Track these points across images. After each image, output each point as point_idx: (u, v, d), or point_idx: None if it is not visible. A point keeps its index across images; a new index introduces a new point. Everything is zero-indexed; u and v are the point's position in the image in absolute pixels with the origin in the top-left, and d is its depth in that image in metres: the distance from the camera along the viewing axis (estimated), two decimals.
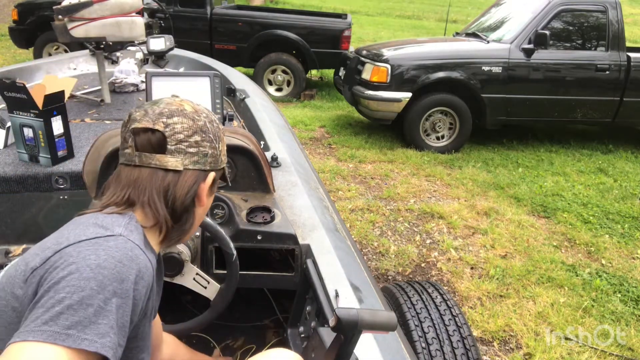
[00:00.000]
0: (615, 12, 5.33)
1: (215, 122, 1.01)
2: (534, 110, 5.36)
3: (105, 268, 0.75)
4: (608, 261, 3.31)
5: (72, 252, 0.77)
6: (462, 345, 1.68)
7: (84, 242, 0.78)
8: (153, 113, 0.93)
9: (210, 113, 1.03)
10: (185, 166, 0.94)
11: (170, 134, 0.92)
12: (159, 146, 0.92)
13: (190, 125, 0.94)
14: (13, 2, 9.18)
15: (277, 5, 16.58)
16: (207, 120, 0.98)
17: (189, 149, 0.94)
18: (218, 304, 1.32)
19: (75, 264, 0.74)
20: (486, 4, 8.62)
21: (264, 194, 1.65)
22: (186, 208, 0.95)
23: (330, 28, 7.33)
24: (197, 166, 0.95)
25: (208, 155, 0.97)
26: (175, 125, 0.93)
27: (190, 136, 0.94)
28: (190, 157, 0.94)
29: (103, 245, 0.78)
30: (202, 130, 0.96)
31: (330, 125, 6.14)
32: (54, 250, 0.78)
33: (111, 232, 0.82)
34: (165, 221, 0.93)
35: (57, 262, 0.76)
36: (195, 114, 0.96)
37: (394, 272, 3.06)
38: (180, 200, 0.93)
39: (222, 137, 1.03)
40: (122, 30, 2.35)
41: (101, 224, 0.84)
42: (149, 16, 3.54)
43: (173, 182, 0.93)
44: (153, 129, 0.92)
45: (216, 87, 1.86)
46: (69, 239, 0.80)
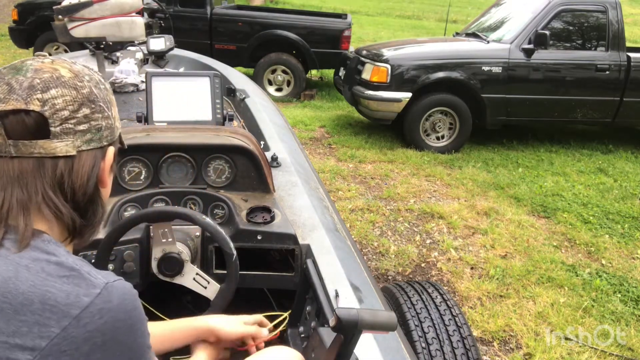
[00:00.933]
0: (615, 12, 5.33)
1: (101, 82, 0.83)
2: (534, 110, 5.36)
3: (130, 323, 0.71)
4: (608, 261, 3.31)
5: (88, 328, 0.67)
6: (462, 345, 1.68)
7: (88, 312, 0.67)
8: (21, 88, 0.73)
9: (93, 72, 0.83)
10: (78, 148, 0.76)
11: (51, 113, 0.74)
12: (38, 130, 0.73)
13: (73, 96, 0.76)
14: (13, 2, 9.18)
15: (277, 5, 16.58)
16: (92, 85, 0.79)
17: (78, 126, 0.76)
18: (218, 304, 1.31)
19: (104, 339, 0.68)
20: (486, 4, 8.63)
21: (264, 194, 1.65)
22: (91, 198, 0.80)
23: (330, 28, 7.33)
24: (92, 145, 0.78)
25: (102, 128, 0.80)
26: (55, 101, 0.74)
27: (77, 110, 0.76)
28: (81, 136, 0.77)
29: (112, 306, 0.69)
30: (89, 100, 0.78)
31: (330, 125, 6.14)
32: (48, 337, 0.65)
33: (99, 286, 0.70)
34: (72, 220, 0.77)
35: (72, 347, 0.65)
36: (76, 79, 0.77)
37: (394, 272, 3.06)
38: (82, 190, 0.77)
39: (112, 100, 0.85)
40: (122, 30, 2.35)
41: (66, 272, 0.70)
42: (149, 16, 3.55)
43: (67, 171, 0.76)
44: (27, 110, 0.73)
45: (216, 87, 1.85)
46: (59, 313, 0.66)
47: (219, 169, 1.64)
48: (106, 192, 0.86)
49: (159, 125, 1.74)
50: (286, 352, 1.10)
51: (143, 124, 1.75)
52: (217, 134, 1.65)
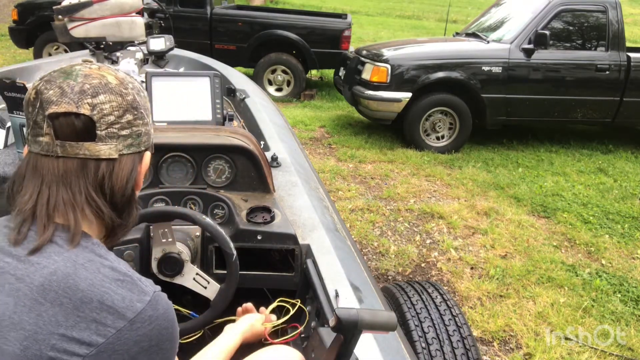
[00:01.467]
0: (615, 12, 5.33)
1: (142, 90, 0.87)
2: (534, 110, 5.36)
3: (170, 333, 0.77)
4: (608, 261, 3.31)
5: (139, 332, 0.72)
6: (462, 345, 1.68)
7: (140, 317, 0.72)
8: (72, 91, 0.76)
9: (134, 80, 0.87)
10: (120, 152, 0.80)
11: (99, 117, 0.77)
12: (86, 133, 0.77)
13: (119, 103, 0.80)
14: (13, 2, 9.18)
15: (277, 5, 16.58)
16: (135, 92, 0.83)
17: (122, 131, 0.80)
18: (218, 304, 1.31)
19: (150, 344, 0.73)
20: (486, 4, 8.62)
21: (264, 194, 1.65)
22: (128, 199, 0.83)
23: (330, 28, 7.33)
24: (132, 149, 0.82)
25: (142, 134, 0.84)
26: (103, 106, 0.78)
27: (122, 116, 0.80)
28: (123, 141, 0.81)
29: (160, 314, 0.74)
30: (133, 107, 0.82)
31: (330, 125, 6.14)
32: (105, 336, 0.70)
33: (149, 294, 0.75)
34: (111, 220, 0.81)
35: (124, 348, 0.70)
36: (121, 86, 0.81)
37: (394, 272, 3.06)
38: (121, 192, 0.81)
39: (149, 107, 0.89)
40: (122, 30, 2.36)
41: (121, 276, 0.75)
42: (149, 16, 3.55)
43: (108, 173, 0.79)
44: (77, 113, 0.76)
45: (216, 87, 1.86)
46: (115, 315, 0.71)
47: (219, 169, 1.64)
48: (137, 195, 0.89)
49: (159, 125, 1.74)
50: (286, 351, 1.10)
51: None
52: (217, 134, 1.65)
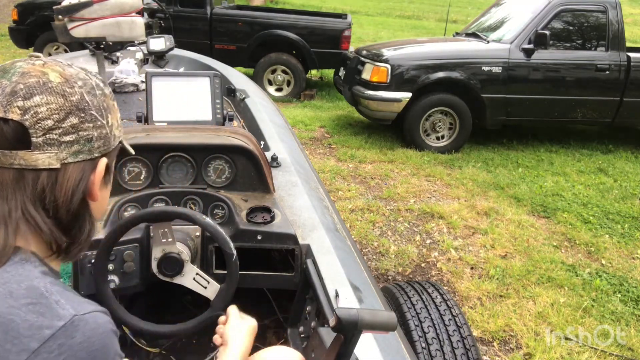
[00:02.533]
0: (615, 12, 5.33)
1: (97, 88, 0.76)
2: (534, 110, 5.36)
3: None
4: (608, 261, 3.31)
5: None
6: (462, 345, 1.68)
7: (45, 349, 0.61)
8: (3, 93, 0.67)
9: (90, 76, 0.76)
10: (63, 160, 0.70)
11: (32, 123, 0.67)
12: (18, 141, 0.68)
13: (60, 104, 0.69)
14: (13, 2, 9.18)
15: (277, 5, 16.58)
16: (84, 91, 0.73)
17: (64, 137, 0.70)
18: (218, 304, 1.31)
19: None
20: (486, 4, 8.62)
21: (264, 194, 1.65)
22: (76, 214, 0.73)
23: (330, 28, 7.33)
24: (79, 157, 0.72)
25: (93, 139, 0.73)
26: (38, 109, 0.68)
27: (63, 120, 0.70)
28: (67, 148, 0.70)
29: (74, 345, 0.62)
30: (78, 108, 0.71)
31: (330, 125, 6.14)
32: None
33: (62, 321, 0.63)
34: (54, 239, 0.71)
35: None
36: (65, 85, 0.71)
37: (394, 272, 3.06)
38: (65, 206, 0.71)
39: (111, 107, 0.78)
40: (122, 30, 2.35)
41: (34, 300, 0.64)
42: (149, 16, 3.55)
43: (50, 185, 0.70)
44: (5, 119, 0.67)
45: (216, 87, 1.86)
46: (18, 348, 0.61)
47: (219, 169, 1.64)
48: (99, 206, 0.80)
49: (159, 125, 1.74)
50: (286, 351, 1.10)
51: (143, 124, 1.76)
52: (217, 134, 1.65)
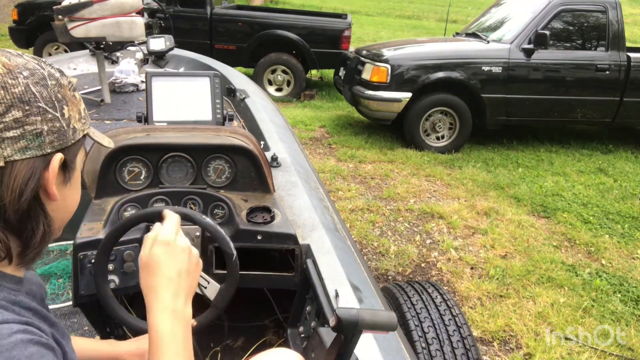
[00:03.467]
0: (615, 12, 5.33)
1: (50, 78, 0.70)
2: (534, 110, 5.36)
3: None
4: (608, 261, 3.31)
5: None
6: (462, 345, 1.68)
7: None
8: None
9: (43, 65, 0.70)
10: (8, 158, 0.64)
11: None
12: None
13: (0, 97, 0.64)
14: (13, 2, 9.18)
15: (277, 5, 16.59)
16: (31, 82, 0.67)
17: (7, 132, 0.64)
18: (218, 304, 1.31)
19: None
20: (486, 4, 8.63)
21: (264, 194, 1.65)
22: (26, 214, 0.67)
23: (330, 28, 7.33)
24: (28, 153, 0.66)
25: (43, 133, 0.67)
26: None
27: (4, 114, 0.64)
28: (12, 144, 0.65)
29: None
30: (22, 101, 0.65)
31: (330, 125, 6.14)
32: None
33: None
34: (2, 241, 0.66)
35: None
36: (7, 76, 0.65)
37: (394, 272, 3.06)
38: (13, 207, 0.65)
39: (69, 98, 0.72)
40: (122, 30, 2.35)
41: None
42: (149, 16, 3.55)
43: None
44: None
45: (216, 87, 1.86)
46: None
47: (219, 169, 1.64)
48: (62, 206, 0.74)
49: (159, 125, 1.74)
50: (286, 353, 1.10)
51: (143, 124, 1.76)
52: (217, 134, 1.65)
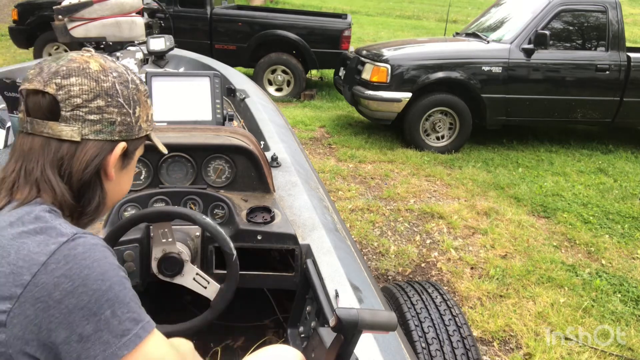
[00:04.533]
0: (615, 12, 5.33)
1: (132, 82, 0.87)
2: (534, 110, 5.36)
3: (99, 271, 0.72)
4: (608, 261, 3.31)
5: (55, 273, 0.69)
6: (462, 345, 1.68)
7: (54, 259, 0.70)
8: (48, 72, 0.80)
9: (128, 72, 0.88)
10: (85, 136, 0.81)
11: (63, 98, 0.79)
12: (50, 112, 0.80)
13: (91, 87, 0.81)
14: (13, 2, 9.18)
15: (277, 5, 16.58)
16: (118, 81, 0.84)
17: (89, 115, 0.81)
18: (218, 304, 1.31)
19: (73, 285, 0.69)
20: (486, 4, 8.63)
21: (264, 194, 1.65)
22: (86, 184, 0.83)
23: (330, 28, 7.33)
24: (100, 136, 0.82)
25: (116, 123, 0.84)
26: (71, 88, 0.80)
27: (91, 100, 0.81)
28: (90, 126, 0.81)
29: (78, 252, 0.72)
30: (107, 94, 0.82)
31: (330, 125, 6.14)
32: (22, 285, 0.68)
33: (64, 237, 0.73)
34: (65, 201, 0.81)
35: (44, 294, 0.68)
36: (101, 73, 0.82)
37: (394, 272, 3.06)
38: (77, 175, 0.81)
39: (142, 102, 0.89)
40: (122, 30, 2.35)
41: (41, 228, 0.74)
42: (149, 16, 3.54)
43: (69, 155, 0.80)
44: (43, 91, 0.79)
45: (216, 87, 1.86)
46: (30, 262, 0.69)
47: (219, 169, 1.64)
48: (115, 187, 0.89)
49: (159, 125, 1.74)
50: (286, 350, 1.10)
51: None
52: (217, 134, 1.65)
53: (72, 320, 0.68)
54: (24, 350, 0.68)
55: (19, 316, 0.68)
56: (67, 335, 0.68)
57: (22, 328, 0.68)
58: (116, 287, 0.73)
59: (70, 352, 0.68)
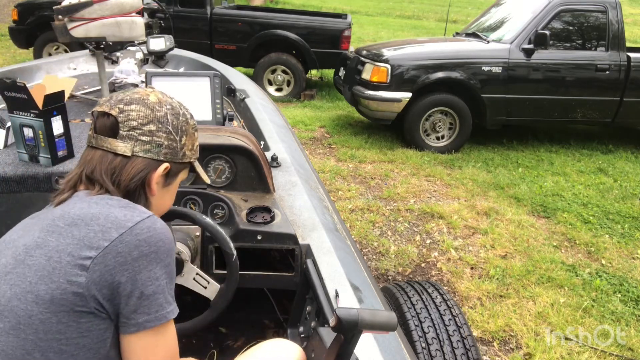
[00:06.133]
0: (615, 12, 5.33)
1: (183, 116, 1.03)
2: (534, 110, 5.36)
3: (168, 247, 0.90)
4: (608, 261, 3.31)
5: (139, 237, 0.86)
6: (462, 345, 1.68)
7: (138, 226, 0.87)
8: (116, 99, 0.98)
9: (181, 108, 1.04)
10: (135, 153, 0.96)
11: (123, 120, 0.96)
12: (111, 130, 0.96)
13: (147, 114, 0.97)
14: (13, 2, 9.18)
15: (277, 5, 16.58)
16: (170, 112, 1.00)
17: (141, 137, 0.97)
18: (218, 304, 1.31)
19: (149, 250, 0.86)
20: (486, 4, 8.62)
21: (264, 194, 1.65)
22: (131, 192, 0.97)
23: (330, 28, 7.33)
24: (148, 155, 0.98)
25: (163, 146, 0.99)
26: (130, 112, 0.96)
27: (145, 124, 0.97)
28: (141, 145, 0.97)
29: (157, 227, 0.89)
30: (159, 121, 0.98)
31: (330, 125, 6.14)
32: (109, 240, 0.84)
33: (147, 214, 0.90)
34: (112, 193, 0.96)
35: (126, 250, 0.84)
36: (157, 104, 0.99)
37: (394, 272, 3.06)
38: (125, 184, 0.96)
39: (190, 133, 1.05)
40: (122, 30, 2.35)
41: (125, 205, 0.91)
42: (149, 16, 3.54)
43: (120, 166, 0.95)
44: (109, 114, 0.96)
45: (216, 87, 1.86)
46: (117, 225, 0.85)
47: (219, 168, 1.64)
48: (158, 202, 1.03)
49: None
50: (285, 344, 1.11)
51: None
52: (217, 134, 1.65)
53: (139, 278, 0.83)
54: (95, 295, 0.81)
55: (100, 264, 0.82)
56: (131, 290, 0.83)
57: (100, 275, 0.81)
58: (173, 265, 0.90)
59: (129, 305, 0.83)
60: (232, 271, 1.30)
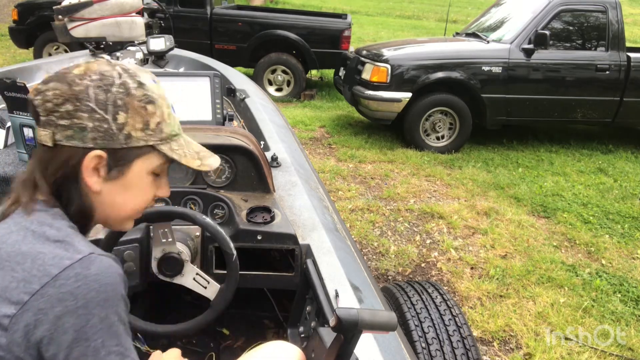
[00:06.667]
0: (615, 12, 5.33)
1: (121, 86, 0.80)
2: (534, 110, 5.36)
3: (105, 296, 0.72)
4: (608, 261, 3.31)
5: (62, 289, 0.69)
6: (462, 345, 1.68)
7: (64, 274, 0.70)
8: (42, 79, 0.81)
9: (121, 75, 0.81)
10: (57, 141, 0.78)
11: (39, 103, 0.78)
12: (36, 117, 0.80)
13: (63, 91, 0.77)
14: (13, 2, 9.18)
15: (277, 5, 16.58)
16: (93, 85, 0.78)
17: (60, 120, 0.77)
18: (218, 304, 1.31)
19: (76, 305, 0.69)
20: (486, 4, 8.63)
21: (264, 194, 1.65)
22: (61, 186, 0.81)
23: (330, 28, 7.33)
24: (71, 142, 0.78)
25: (87, 129, 0.78)
26: (47, 93, 0.78)
27: (61, 104, 0.77)
28: (62, 131, 0.78)
29: (90, 273, 0.71)
30: (77, 98, 0.77)
31: (330, 125, 6.14)
32: (29, 293, 0.69)
33: (81, 254, 0.72)
34: (52, 200, 0.81)
35: (47, 306, 0.68)
36: (78, 77, 0.78)
37: (394, 272, 3.06)
38: (53, 176, 0.80)
39: (132, 107, 0.80)
40: (122, 30, 2.35)
41: (61, 238, 0.75)
42: (149, 16, 3.54)
43: (46, 160, 0.80)
44: (32, 98, 0.79)
45: (216, 87, 1.86)
46: (42, 271, 0.70)
47: (219, 169, 1.64)
48: (106, 199, 0.84)
49: None
50: (285, 346, 1.10)
51: None
52: (217, 134, 1.65)
53: (64, 340, 0.68)
54: (20, 357, 0.69)
55: (20, 323, 0.68)
56: (55, 352, 0.68)
57: (21, 335, 0.68)
58: (113, 317, 0.72)
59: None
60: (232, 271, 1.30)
